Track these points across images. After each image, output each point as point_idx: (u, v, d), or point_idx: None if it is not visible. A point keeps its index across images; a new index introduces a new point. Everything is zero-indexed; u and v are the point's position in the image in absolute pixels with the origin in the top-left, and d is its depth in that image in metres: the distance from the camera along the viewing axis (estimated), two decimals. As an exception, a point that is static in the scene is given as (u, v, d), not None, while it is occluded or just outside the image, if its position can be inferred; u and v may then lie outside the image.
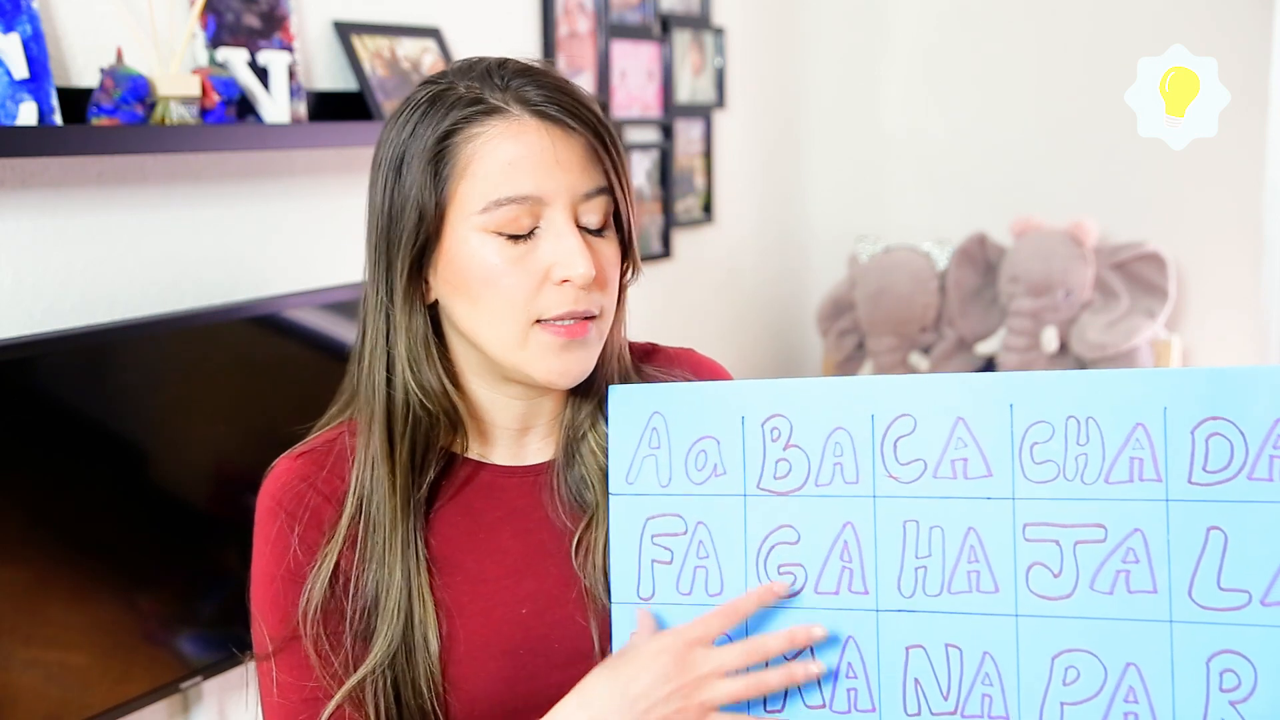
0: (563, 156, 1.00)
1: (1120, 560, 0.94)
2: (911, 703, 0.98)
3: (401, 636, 1.01)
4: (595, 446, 1.09)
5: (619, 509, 1.06)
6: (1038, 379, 0.96)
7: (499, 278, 0.99)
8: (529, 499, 1.08)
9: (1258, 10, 3.09)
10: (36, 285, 1.73)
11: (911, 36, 3.66)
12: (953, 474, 0.98)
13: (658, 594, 1.04)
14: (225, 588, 1.83)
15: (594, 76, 2.95)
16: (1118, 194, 3.36)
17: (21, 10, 1.64)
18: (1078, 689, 0.94)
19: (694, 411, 1.04)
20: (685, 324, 3.29)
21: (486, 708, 1.03)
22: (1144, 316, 3.18)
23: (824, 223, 3.84)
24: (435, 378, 1.03)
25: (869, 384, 1.00)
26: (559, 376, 1.02)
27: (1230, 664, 0.91)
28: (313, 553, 1.02)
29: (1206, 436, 0.93)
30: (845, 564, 1.00)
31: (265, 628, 1.02)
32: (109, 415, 1.70)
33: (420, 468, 1.04)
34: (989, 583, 0.97)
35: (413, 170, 0.99)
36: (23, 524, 1.59)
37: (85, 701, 1.66)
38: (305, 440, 1.09)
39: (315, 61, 2.17)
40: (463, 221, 0.99)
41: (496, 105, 0.99)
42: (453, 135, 0.99)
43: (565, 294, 1.00)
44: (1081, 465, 0.95)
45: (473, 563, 1.05)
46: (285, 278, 2.08)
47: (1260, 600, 0.91)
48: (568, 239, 0.99)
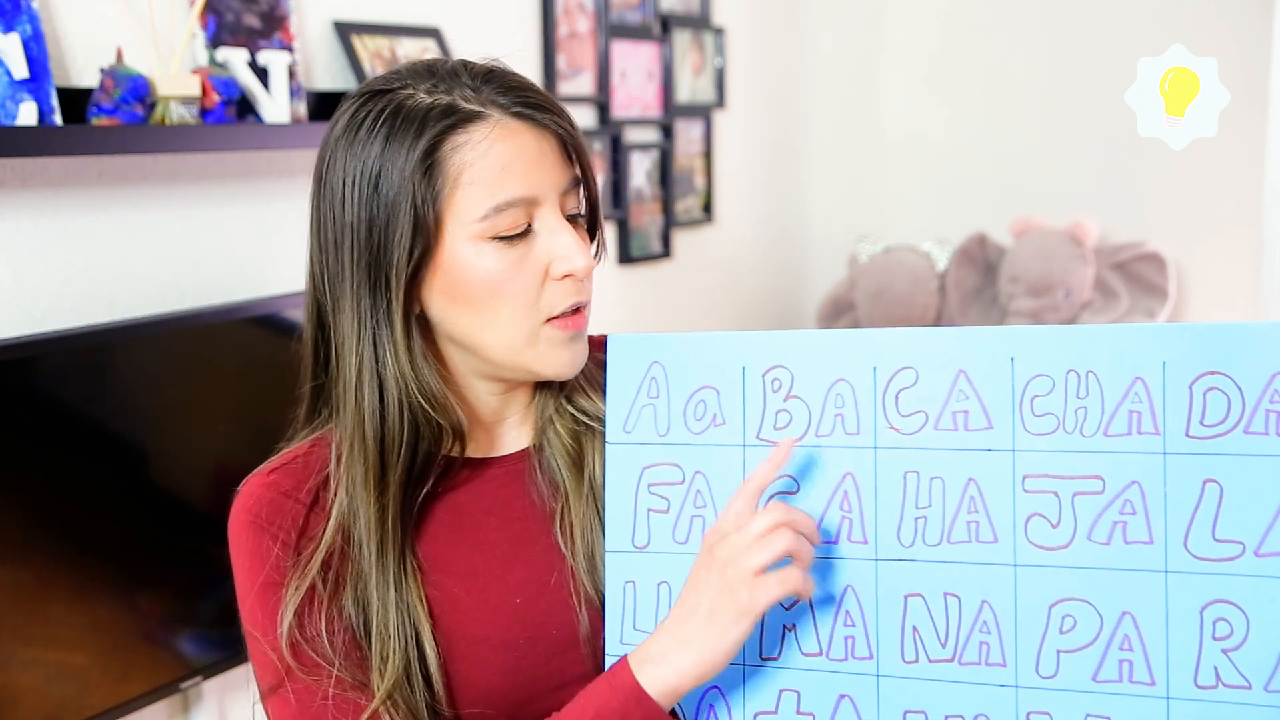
0: (545, 154, 1.01)
1: (1118, 511, 0.95)
2: (909, 650, 0.99)
3: (405, 652, 1.00)
4: (562, 430, 1.10)
5: (615, 457, 1.06)
6: (1039, 333, 0.98)
7: (503, 284, 0.99)
8: (509, 489, 1.09)
9: (1258, 10, 3.09)
10: (36, 285, 1.73)
11: (911, 36, 3.66)
12: (954, 426, 0.99)
13: (653, 543, 1.05)
14: (225, 588, 1.82)
15: (594, 76, 2.95)
16: (1118, 194, 3.36)
17: (21, 10, 1.64)
18: (1074, 637, 0.96)
19: (694, 362, 1.05)
20: (685, 324, 3.29)
21: (490, 698, 1.03)
22: (1144, 316, 3.18)
23: (824, 223, 3.84)
24: (438, 386, 1.02)
25: (871, 336, 1.01)
26: (569, 368, 1.04)
27: (1223, 613, 0.93)
28: (298, 554, 1.01)
29: (1204, 391, 0.94)
30: (845, 514, 1.00)
31: (267, 643, 1.00)
32: (109, 415, 1.70)
33: (417, 482, 1.04)
34: (988, 533, 0.98)
35: (397, 187, 0.97)
36: (23, 524, 1.59)
37: (85, 701, 1.66)
38: (272, 459, 1.07)
39: (315, 61, 2.17)
40: (459, 230, 0.98)
41: (475, 110, 0.98)
42: (439, 146, 0.97)
43: (568, 288, 1.01)
44: (1081, 418, 0.96)
45: (463, 559, 1.05)
46: (285, 278, 2.08)
47: (1254, 551, 0.92)
48: (564, 235, 1.00)
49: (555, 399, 1.10)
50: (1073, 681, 0.96)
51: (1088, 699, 0.96)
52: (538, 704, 1.04)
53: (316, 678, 0.99)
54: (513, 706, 1.03)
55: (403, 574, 1.02)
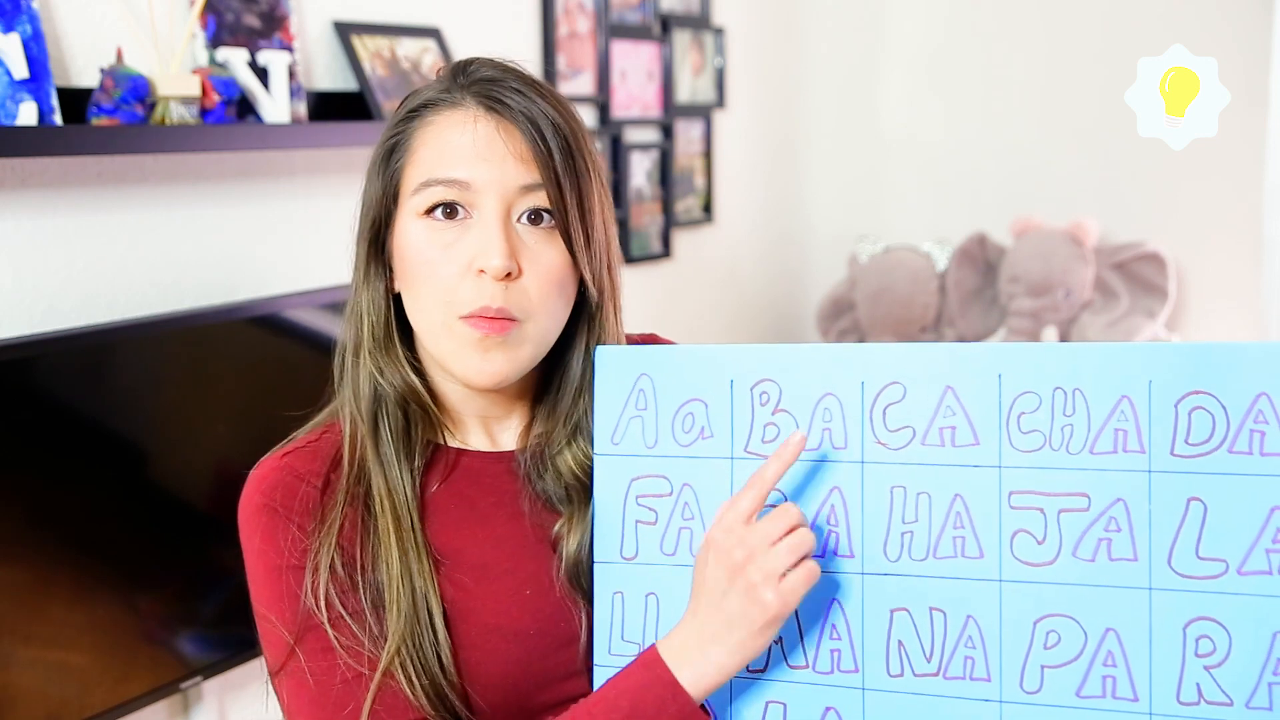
0: (504, 148, 1.01)
1: (1102, 529, 0.96)
2: (894, 664, 1.00)
3: (414, 622, 1.00)
4: (573, 462, 1.09)
5: (603, 469, 1.06)
6: (1026, 350, 0.98)
7: (426, 264, 1.02)
8: (512, 484, 1.09)
9: (1258, 10, 3.09)
10: (36, 285, 1.73)
11: (911, 36, 3.66)
12: (941, 442, 0.99)
13: (641, 554, 1.05)
14: (225, 588, 1.83)
15: (594, 76, 2.95)
16: (1118, 194, 3.36)
17: (21, 10, 1.64)
18: (1058, 652, 0.96)
19: (682, 374, 1.05)
20: (685, 324, 3.29)
21: (501, 687, 1.03)
22: (1144, 316, 3.18)
23: (824, 223, 3.84)
24: (395, 369, 1.06)
25: (860, 351, 1.01)
26: (475, 374, 1.02)
27: (1206, 630, 0.94)
28: (312, 535, 1.02)
29: (1189, 410, 0.94)
30: (832, 528, 1.01)
31: (280, 624, 1.01)
32: (109, 415, 1.70)
33: (405, 457, 1.05)
34: (974, 548, 0.98)
35: (375, 163, 1.05)
36: (23, 524, 1.59)
37: (85, 701, 1.66)
38: (286, 442, 1.09)
39: (315, 61, 2.17)
40: (405, 204, 1.03)
41: (452, 98, 1.03)
42: (409, 124, 1.04)
43: (482, 286, 1.00)
44: (1067, 435, 0.97)
45: (474, 551, 1.06)
46: (285, 278, 2.08)
47: (1237, 569, 0.93)
48: (489, 229, 1.00)
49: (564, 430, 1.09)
50: (1057, 697, 0.96)
51: (1071, 714, 0.96)
52: (544, 694, 1.04)
53: (331, 657, 0.99)
54: (521, 696, 1.04)
55: (414, 550, 1.02)
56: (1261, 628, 0.92)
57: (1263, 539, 0.92)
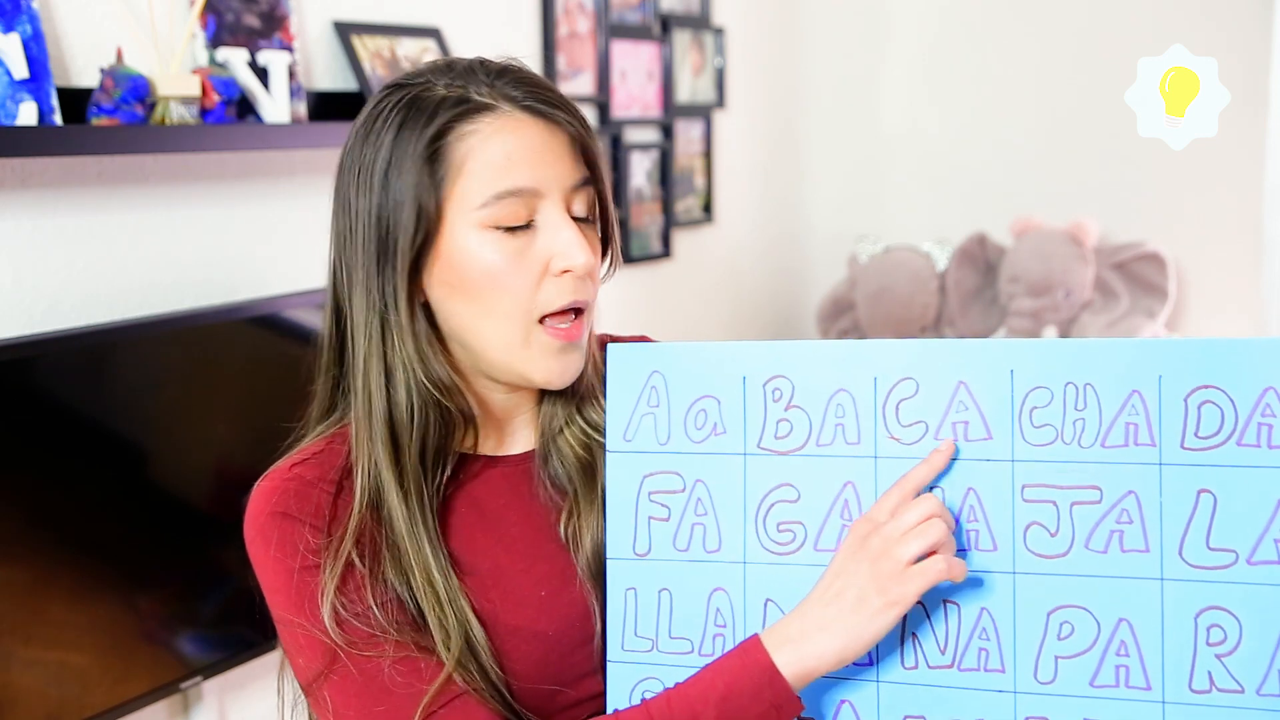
0: (553, 149, 1.01)
1: (1114, 521, 0.97)
2: (909, 657, 1.00)
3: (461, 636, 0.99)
4: (572, 440, 1.10)
5: (616, 465, 1.07)
6: (1038, 346, 0.99)
7: (501, 275, 1.00)
8: (523, 486, 1.09)
9: (1258, 10, 3.09)
10: (36, 285, 1.73)
11: (911, 36, 3.66)
12: (954, 436, 1.00)
13: (654, 550, 1.06)
14: (225, 588, 1.84)
15: (594, 76, 2.95)
16: (1118, 194, 3.36)
17: (21, 10, 1.64)
18: (1072, 643, 0.97)
19: (694, 371, 1.06)
20: (685, 324, 3.29)
21: (522, 687, 1.03)
22: (1144, 316, 3.19)
23: (824, 223, 3.84)
24: (445, 373, 1.04)
25: (872, 347, 1.02)
26: (558, 377, 1.04)
27: (1217, 619, 0.95)
28: (329, 536, 1.00)
29: (1199, 404, 0.96)
30: (845, 522, 1.01)
31: (312, 625, 0.98)
32: (109, 415, 1.70)
33: (431, 469, 1.04)
34: (987, 541, 0.99)
35: (405, 174, 0.99)
36: (23, 524, 1.59)
37: (85, 701, 1.66)
38: (292, 453, 1.07)
39: (315, 61, 2.17)
40: (461, 219, 1.00)
41: (485, 102, 1.00)
42: (445, 134, 0.99)
43: (565, 285, 1.01)
44: (1079, 430, 0.98)
45: (489, 554, 1.06)
46: (285, 278, 2.08)
47: (1246, 559, 0.94)
48: (565, 230, 1.01)
49: (566, 409, 1.10)
50: (1070, 687, 0.97)
51: (1085, 704, 0.97)
52: (564, 694, 1.05)
53: (375, 648, 0.98)
54: (542, 698, 1.04)
55: (437, 561, 1.01)
56: (1271, 616, 0.94)
57: (1271, 529, 0.94)
